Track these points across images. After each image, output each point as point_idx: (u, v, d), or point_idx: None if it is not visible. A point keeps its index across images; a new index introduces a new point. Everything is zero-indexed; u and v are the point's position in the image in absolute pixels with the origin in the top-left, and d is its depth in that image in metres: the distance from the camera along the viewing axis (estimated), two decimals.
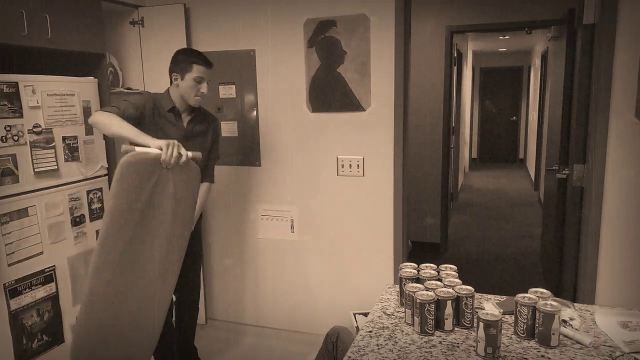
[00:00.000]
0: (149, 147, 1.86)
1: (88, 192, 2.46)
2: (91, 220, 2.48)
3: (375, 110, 2.64)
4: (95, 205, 2.50)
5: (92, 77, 2.50)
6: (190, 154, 1.93)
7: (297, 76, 2.74)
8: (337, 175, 2.77)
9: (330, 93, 2.69)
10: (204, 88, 2.23)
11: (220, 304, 3.18)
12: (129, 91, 2.94)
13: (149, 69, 2.96)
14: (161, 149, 1.84)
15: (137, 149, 1.84)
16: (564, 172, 2.88)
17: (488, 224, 6.05)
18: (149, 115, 2.18)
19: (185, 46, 2.83)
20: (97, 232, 2.54)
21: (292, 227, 2.90)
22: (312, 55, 2.68)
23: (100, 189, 2.53)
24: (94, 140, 2.47)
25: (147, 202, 1.85)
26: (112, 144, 2.59)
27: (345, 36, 2.60)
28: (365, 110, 2.65)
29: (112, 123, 1.96)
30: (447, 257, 4.72)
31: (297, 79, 2.75)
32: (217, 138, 2.49)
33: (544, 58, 6.19)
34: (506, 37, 7.76)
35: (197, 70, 2.20)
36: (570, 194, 2.65)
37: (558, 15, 3.38)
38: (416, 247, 4.61)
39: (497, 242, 5.29)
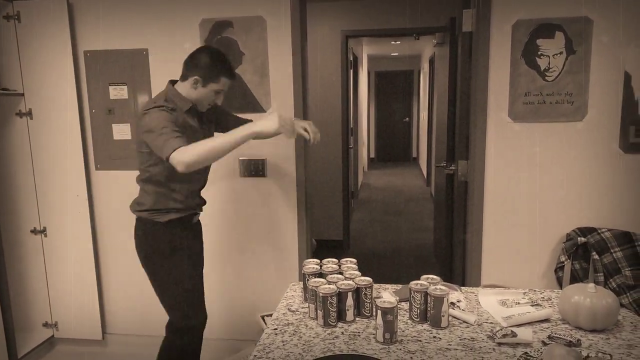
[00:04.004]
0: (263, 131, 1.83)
1: None
2: None
3: (275, 111, 2.65)
4: None
5: None
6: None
7: None
8: (240, 176, 2.75)
9: (230, 94, 2.66)
10: (219, 100, 2.06)
11: (118, 315, 3.01)
12: (5, 92, 2.68)
13: (28, 67, 2.72)
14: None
15: None
16: (450, 168, 3.12)
17: (386, 219, 6.36)
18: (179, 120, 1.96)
19: (69, 44, 2.65)
20: None
21: None
22: None
23: None
24: None
25: None
26: None
27: (242, 37, 2.60)
28: (265, 111, 2.66)
29: (204, 146, 1.78)
30: (350, 253, 4.89)
31: None
32: (224, 110, 2.31)
33: (432, 62, 6.64)
34: (397, 42, 8.21)
35: (223, 83, 2.00)
36: (457, 188, 2.88)
37: (442, 23, 3.66)
38: (320, 245, 4.72)
39: (395, 236, 5.58)
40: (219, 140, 1.81)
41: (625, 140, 2.38)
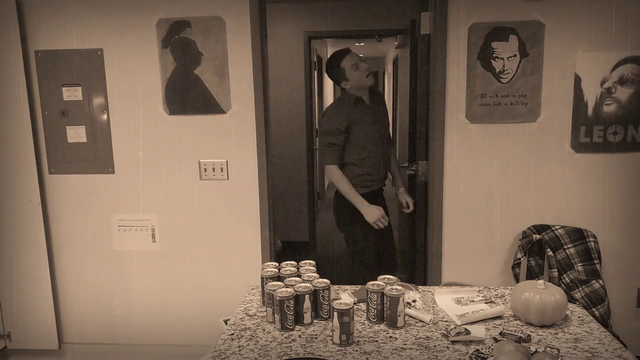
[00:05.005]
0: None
1: None
2: None
3: (236, 113, 2.63)
4: None
5: None
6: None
7: (151, 77, 2.63)
8: (200, 179, 2.71)
9: (188, 95, 2.63)
10: (363, 67, 2.62)
11: (76, 324, 2.92)
12: None
13: None
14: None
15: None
16: (412, 168, 3.16)
17: None
18: (347, 119, 2.60)
19: (19, 43, 2.57)
20: None
21: (153, 236, 2.77)
22: (167, 56, 2.59)
23: None
24: None
25: None
26: None
27: (201, 37, 2.56)
28: (226, 113, 2.63)
29: (338, 181, 2.63)
30: (315, 254, 4.88)
31: (151, 81, 2.63)
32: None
33: (395, 64, 6.71)
34: (362, 43, 8.26)
35: (350, 58, 2.61)
36: (418, 187, 2.92)
37: (403, 26, 3.70)
38: (286, 247, 4.71)
39: None
40: (345, 186, 2.63)
41: (576, 140, 2.47)
